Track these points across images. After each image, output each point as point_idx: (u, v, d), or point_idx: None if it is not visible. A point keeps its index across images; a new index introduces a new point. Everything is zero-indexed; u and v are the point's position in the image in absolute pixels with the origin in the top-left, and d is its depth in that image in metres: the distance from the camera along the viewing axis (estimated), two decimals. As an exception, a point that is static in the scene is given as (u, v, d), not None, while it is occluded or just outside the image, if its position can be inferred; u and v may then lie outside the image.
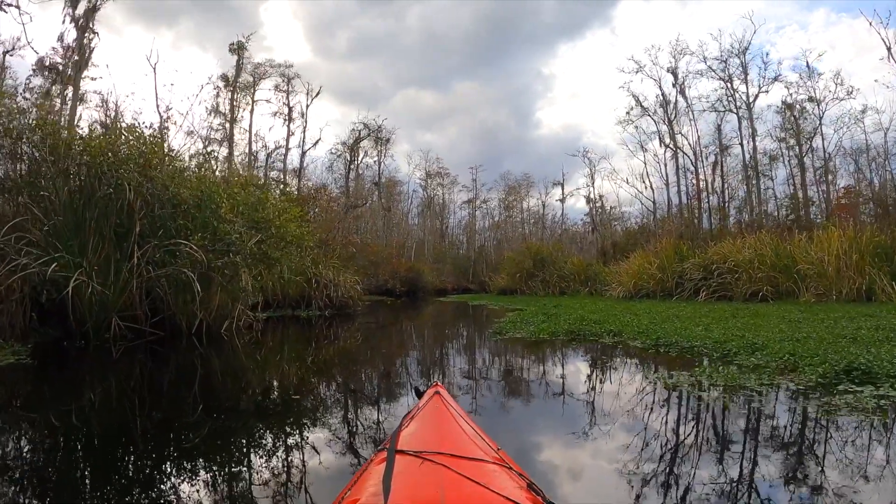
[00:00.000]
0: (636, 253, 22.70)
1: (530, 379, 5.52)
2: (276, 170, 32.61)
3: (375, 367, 6.90)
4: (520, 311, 14.54)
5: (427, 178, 52.57)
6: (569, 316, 11.02)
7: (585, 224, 50.88)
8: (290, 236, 9.20)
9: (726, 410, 3.67)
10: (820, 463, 2.69)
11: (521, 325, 9.75)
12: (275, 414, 4.26)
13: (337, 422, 3.89)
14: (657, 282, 19.17)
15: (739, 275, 16.03)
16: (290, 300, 14.08)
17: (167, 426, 3.71)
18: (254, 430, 3.62)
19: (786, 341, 6.15)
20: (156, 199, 7.85)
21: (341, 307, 14.71)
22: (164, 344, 8.22)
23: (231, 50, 27.94)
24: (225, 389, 5.45)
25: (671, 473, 2.62)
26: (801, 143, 31.86)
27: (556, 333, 8.30)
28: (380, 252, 28.29)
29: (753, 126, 32.31)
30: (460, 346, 8.77)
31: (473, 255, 53.27)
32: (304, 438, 3.41)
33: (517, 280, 29.82)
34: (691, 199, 35.18)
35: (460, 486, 1.29)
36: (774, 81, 32.00)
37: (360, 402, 4.72)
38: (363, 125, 35.11)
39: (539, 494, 1.39)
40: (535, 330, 8.66)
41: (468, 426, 1.81)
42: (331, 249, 15.79)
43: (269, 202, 9.11)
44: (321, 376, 6.14)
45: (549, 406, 4.32)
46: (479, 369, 6.25)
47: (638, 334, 7.51)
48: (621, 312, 11.58)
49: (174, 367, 6.75)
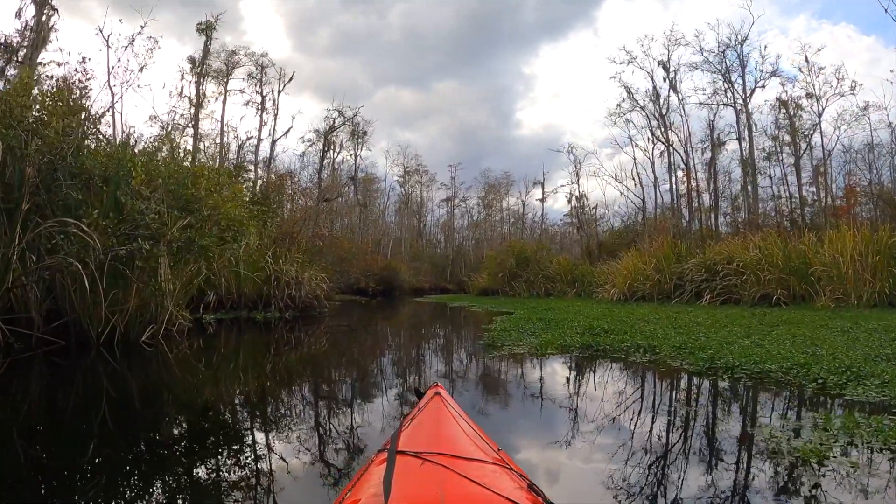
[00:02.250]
0: (628, 253, 21.52)
1: (560, 435, 3.23)
2: (247, 161, 30.62)
3: (334, 395, 5.17)
4: (508, 316, 12.93)
5: (405, 175, 51.03)
6: (570, 323, 9.44)
7: (565, 224, 50.12)
8: (225, 220, 7.23)
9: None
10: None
11: (516, 335, 8.12)
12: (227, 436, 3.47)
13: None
14: (654, 283, 17.95)
15: (747, 277, 14.82)
16: (246, 300, 12.22)
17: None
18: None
19: (880, 360, 4.68)
20: (60, 170, 6.00)
21: (305, 308, 12.83)
22: (67, 355, 6.42)
23: (199, 30, 25.63)
24: (149, 411, 4.16)
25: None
26: (797, 141, 30.99)
27: (567, 348, 6.65)
28: (351, 247, 26.15)
29: (750, 121, 31.32)
30: (444, 366, 6.75)
31: (451, 254, 51.79)
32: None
33: (499, 280, 28.26)
34: (681, 196, 34.07)
35: (461, 486, 1.27)
36: (772, 76, 31.08)
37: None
38: (338, 112, 33.01)
39: (539, 495, 1.37)
40: (539, 343, 6.97)
41: (468, 427, 1.79)
42: (295, 243, 13.91)
43: (203, 175, 7.19)
44: (263, 402, 4.38)
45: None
46: (474, 408, 4.13)
47: (676, 350, 5.92)
48: (629, 319, 10.07)
49: (74, 386, 4.96)
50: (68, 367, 6.03)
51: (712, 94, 31.90)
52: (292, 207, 17.68)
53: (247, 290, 12.06)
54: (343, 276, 21.99)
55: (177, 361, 6.62)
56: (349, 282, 25.48)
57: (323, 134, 32.95)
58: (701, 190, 33.44)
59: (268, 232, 13.54)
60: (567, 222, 49.72)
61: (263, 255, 12.40)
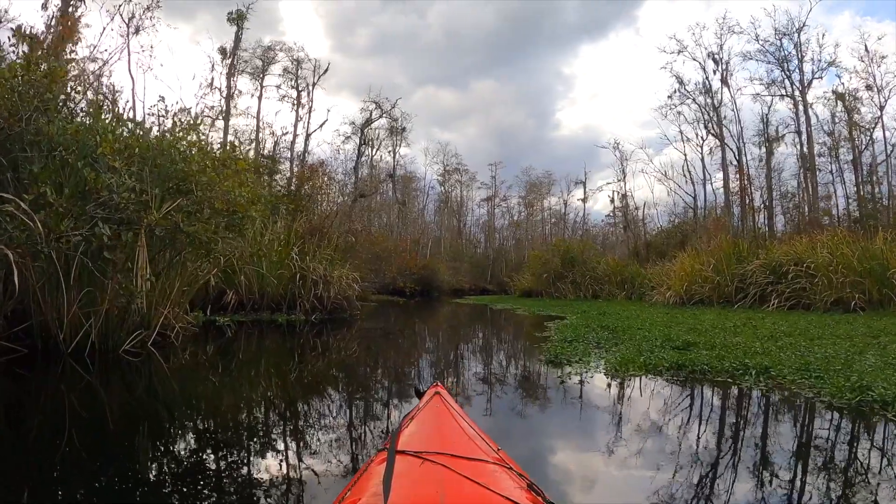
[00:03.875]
0: (684, 253, 19.86)
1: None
2: (282, 158, 29.88)
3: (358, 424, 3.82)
4: (560, 321, 11.39)
5: (445, 174, 49.81)
6: (637, 331, 7.88)
7: (607, 224, 48.26)
8: (221, 203, 5.64)
9: None
10: None
11: (581, 347, 6.58)
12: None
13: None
14: (714, 286, 16.28)
15: (818, 279, 13.14)
16: (269, 300, 11.06)
17: None
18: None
19: None
20: (16, 138, 4.86)
21: (334, 310, 11.55)
22: (33, 366, 5.29)
23: (230, 20, 24.94)
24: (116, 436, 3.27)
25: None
26: (854, 136, 28.36)
27: (653, 367, 5.07)
28: (385, 244, 24.62)
29: (808, 113, 28.78)
30: (501, 391, 5.18)
31: (492, 254, 50.22)
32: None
33: (543, 281, 26.55)
34: (733, 194, 31.64)
35: (460, 486, 1.25)
36: (830, 66, 28.52)
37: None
38: (374, 104, 31.76)
39: (539, 495, 1.36)
40: (616, 360, 5.38)
41: (468, 426, 1.77)
42: (326, 239, 12.66)
43: (198, 147, 5.87)
44: (271, 442, 3.11)
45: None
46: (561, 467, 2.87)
47: (800, 373, 4.37)
48: (701, 326, 8.54)
49: (25, 406, 3.78)
50: (31, 379, 4.91)
51: (769, 85, 29.64)
52: (324, 201, 16.54)
53: (270, 289, 10.88)
54: (379, 276, 20.73)
55: (170, 374, 5.42)
56: (385, 282, 24.20)
57: (359, 127, 31.77)
58: (754, 187, 31.17)
59: (296, 227, 12.41)
60: (609, 223, 48.01)
61: (288, 250, 11.21)
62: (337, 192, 20.17)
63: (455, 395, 3.38)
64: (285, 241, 11.31)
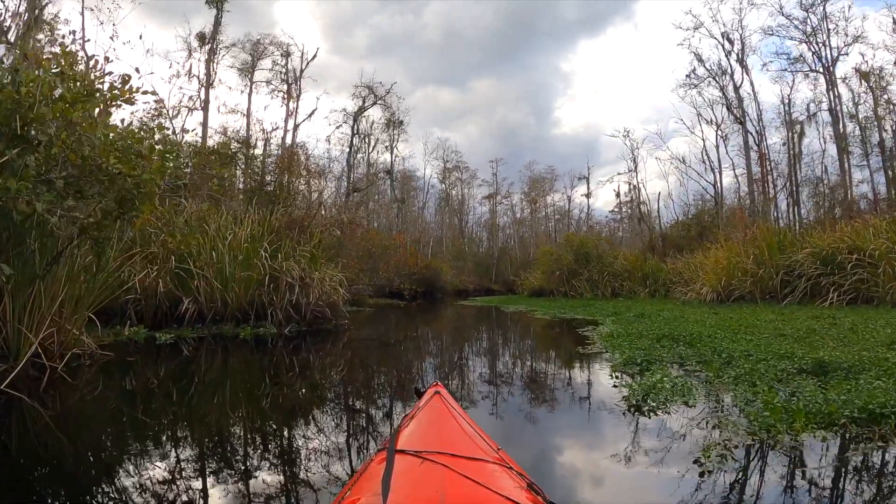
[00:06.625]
0: (710, 245, 18.18)
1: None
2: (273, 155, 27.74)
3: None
4: (596, 328, 9.24)
5: (445, 172, 47.70)
6: (721, 342, 5.72)
7: (611, 219, 46.49)
8: (86, 161, 3.44)
9: None
10: None
11: (663, 379, 4.32)
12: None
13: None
14: (755, 280, 14.42)
15: (882, 270, 11.41)
16: (232, 310, 8.89)
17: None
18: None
19: None
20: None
21: (314, 320, 9.32)
22: None
23: (208, 2, 22.79)
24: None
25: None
26: (880, 116, 26.24)
27: (823, 417, 2.95)
28: (378, 240, 22.06)
29: (836, 91, 26.61)
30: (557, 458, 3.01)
31: (496, 252, 48.08)
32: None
33: (555, 279, 24.37)
34: (755, 180, 29.47)
35: (460, 485, 1.23)
36: (855, 42, 26.36)
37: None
38: (367, 89, 29.37)
39: (539, 494, 1.34)
40: (758, 411, 3.15)
41: (468, 426, 1.73)
42: (306, 233, 10.47)
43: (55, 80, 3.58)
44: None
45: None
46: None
47: None
48: (795, 332, 6.32)
49: None
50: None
51: (792, 62, 27.50)
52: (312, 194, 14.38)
53: (232, 296, 8.72)
54: (374, 276, 18.49)
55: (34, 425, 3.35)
56: (383, 283, 21.91)
57: (352, 115, 29.39)
58: (777, 173, 29.04)
59: (272, 220, 10.26)
60: (613, 218, 46.13)
61: (255, 247, 9.04)
62: (316, 178, 17.86)
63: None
64: (251, 235, 9.14)
